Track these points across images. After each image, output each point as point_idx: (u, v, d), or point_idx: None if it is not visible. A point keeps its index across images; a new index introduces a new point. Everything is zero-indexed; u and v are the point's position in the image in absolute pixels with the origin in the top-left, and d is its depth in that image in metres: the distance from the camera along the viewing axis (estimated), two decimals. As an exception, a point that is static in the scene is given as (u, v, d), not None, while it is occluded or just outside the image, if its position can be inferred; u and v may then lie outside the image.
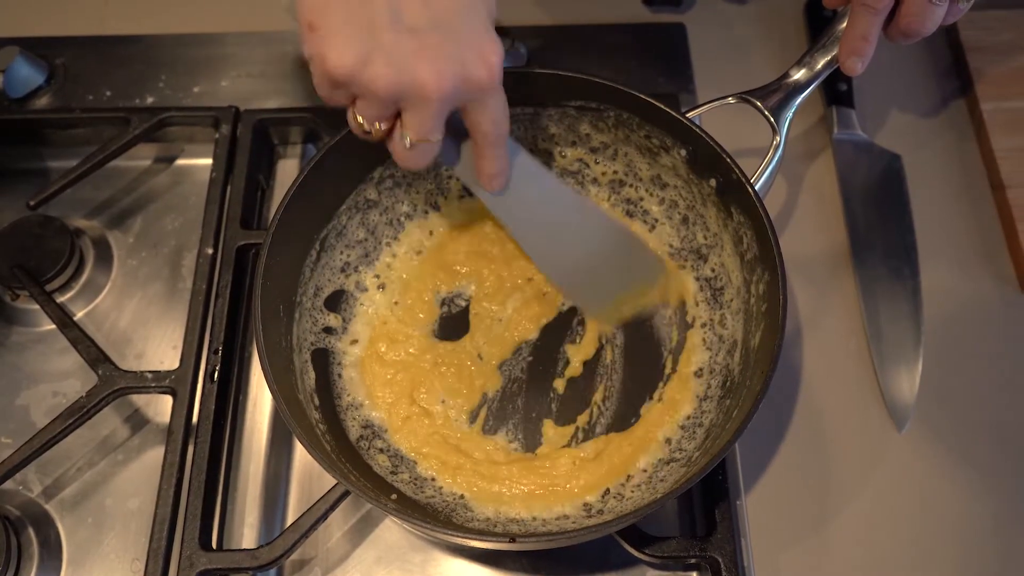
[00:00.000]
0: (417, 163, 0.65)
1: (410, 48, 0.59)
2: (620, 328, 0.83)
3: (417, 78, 0.59)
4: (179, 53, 1.03)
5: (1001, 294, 0.89)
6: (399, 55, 0.59)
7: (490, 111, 0.65)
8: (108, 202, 0.95)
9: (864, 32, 0.73)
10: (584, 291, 0.81)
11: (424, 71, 0.59)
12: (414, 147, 0.64)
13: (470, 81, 0.61)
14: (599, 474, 0.75)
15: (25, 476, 0.81)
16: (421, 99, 0.60)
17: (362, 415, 0.79)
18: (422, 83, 0.59)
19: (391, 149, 0.65)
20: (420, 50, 0.59)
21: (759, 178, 0.76)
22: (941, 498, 0.80)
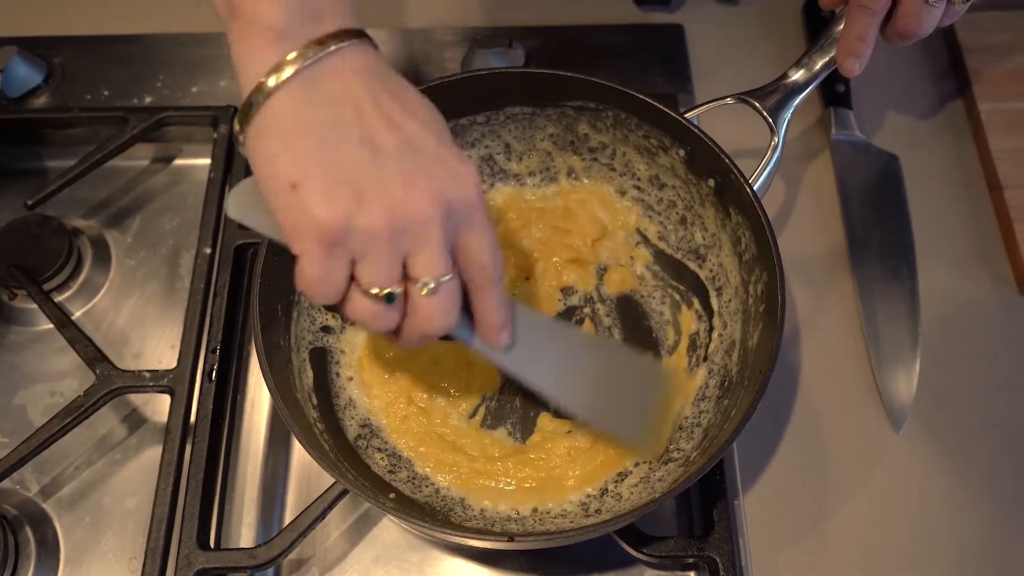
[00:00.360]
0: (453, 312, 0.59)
1: (397, 177, 0.55)
2: (618, 326, 0.83)
3: (413, 204, 0.55)
4: (177, 53, 1.03)
5: (999, 295, 0.89)
6: (388, 186, 0.54)
7: (483, 233, 0.59)
8: (106, 202, 0.95)
9: (861, 33, 0.74)
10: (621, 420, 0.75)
11: (418, 197, 0.55)
12: (436, 292, 0.57)
13: (459, 198, 0.57)
14: (594, 465, 0.76)
15: (22, 475, 0.80)
16: (424, 227, 0.55)
17: (360, 414, 0.79)
18: (421, 210, 0.55)
19: (413, 317, 0.59)
20: (407, 177, 0.55)
21: (757, 179, 0.76)
22: (939, 498, 0.80)
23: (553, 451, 0.77)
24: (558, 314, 0.84)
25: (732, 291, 0.79)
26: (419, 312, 0.58)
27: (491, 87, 0.81)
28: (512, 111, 0.83)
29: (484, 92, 0.81)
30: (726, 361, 0.78)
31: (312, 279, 0.55)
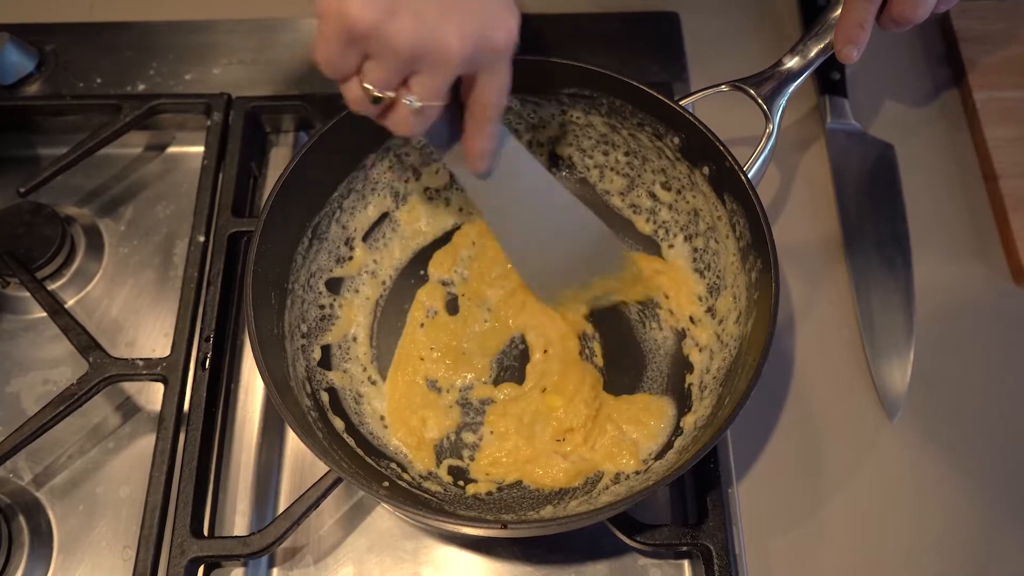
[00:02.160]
0: (417, 128, 0.63)
1: (435, 5, 0.57)
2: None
3: (442, 37, 0.57)
4: (170, 40, 1.02)
5: (993, 284, 0.89)
6: (424, 11, 0.57)
7: (498, 80, 0.63)
8: (99, 189, 0.95)
9: (860, 20, 0.73)
10: (539, 274, 0.81)
11: (449, 30, 0.57)
12: (419, 112, 0.61)
13: (490, 45, 0.60)
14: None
15: (16, 464, 0.80)
16: (442, 59, 0.58)
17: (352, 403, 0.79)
18: (446, 43, 0.58)
19: (390, 116, 0.63)
20: (444, 9, 0.58)
21: (752, 166, 0.76)
22: (932, 487, 0.80)
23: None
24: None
25: (727, 280, 0.79)
26: (396, 114, 0.62)
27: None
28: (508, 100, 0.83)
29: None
30: (723, 351, 0.78)
31: (325, 57, 0.59)
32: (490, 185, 0.72)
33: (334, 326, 0.82)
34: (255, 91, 0.97)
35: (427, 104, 0.61)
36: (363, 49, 0.58)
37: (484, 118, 0.66)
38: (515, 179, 0.73)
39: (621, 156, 0.85)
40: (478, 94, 0.64)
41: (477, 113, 0.65)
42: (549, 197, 0.76)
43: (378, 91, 0.60)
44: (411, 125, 0.63)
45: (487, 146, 0.68)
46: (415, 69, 0.59)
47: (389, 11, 0.56)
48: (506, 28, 0.60)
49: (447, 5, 0.58)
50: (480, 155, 0.68)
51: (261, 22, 1.03)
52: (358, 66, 0.60)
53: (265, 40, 1.02)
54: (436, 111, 0.63)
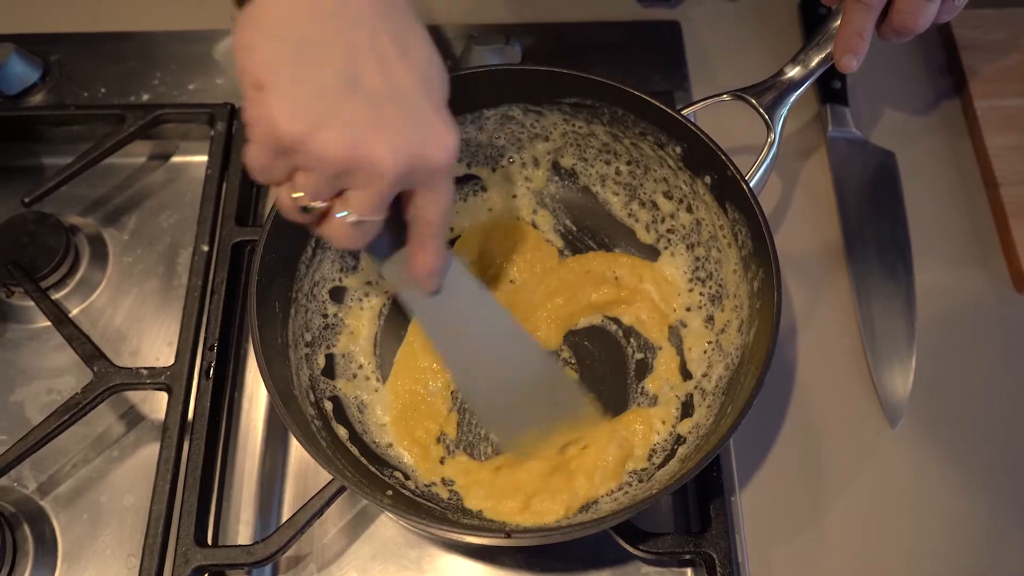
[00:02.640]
0: (355, 242, 0.61)
1: (366, 118, 0.55)
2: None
3: (373, 151, 0.55)
4: (174, 50, 1.03)
5: (994, 291, 0.89)
6: (355, 124, 0.55)
7: (438, 198, 0.61)
8: (103, 199, 0.95)
9: (859, 29, 0.74)
10: (499, 418, 0.77)
11: (380, 145, 0.55)
12: (356, 226, 0.59)
13: (425, 161, 0.57)
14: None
15: (20, 473, 0.80)
16: (373, 175, 0.56)
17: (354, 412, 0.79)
18: (378, 157, 0.55)
19: (325, 228, 0.60)
20: (377, 122, 0.55)
21: (754, 175, 0.76)
22: (934, 494, 0.80)
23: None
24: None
25: (729, 288, 0.80)
26: (332, 227, 0.60)
27: (487, 85, 0.81)
28: (509, 109, 0.83)
29: (480, 90, 0.81)
30: (726, 359, 0.78)
31: (254, 166, 0.57)
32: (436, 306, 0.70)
33: (338, 335, 0.82)
34: (258, 101, 0.97)
35: (363, 218, 0.58)
36: (292, 160, 0.56)
37: (429, 235, 0.63)
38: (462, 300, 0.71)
39: (623, 165, 0.86)
40: (419, 212, 0.62)
41: (422, 231, 0.63)
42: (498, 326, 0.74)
43: (308, 201, 0.58)
44: (349, 238, 0.60)
45: (434, 263, 0.65)
46: (348, 184, 0.57)
47: (316, 125, 0.54)
48: (443, 145, 0.58)
49: (379, 120, 0.55)
50: (428, 273, 0.66)
51: (264, 32, 1.04)
52: (288, 174, 0.57)
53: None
54: (376, 225, 0.60)
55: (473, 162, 0.88)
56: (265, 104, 0.54)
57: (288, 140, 0.54)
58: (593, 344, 0.83)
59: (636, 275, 0.84)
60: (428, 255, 0.64)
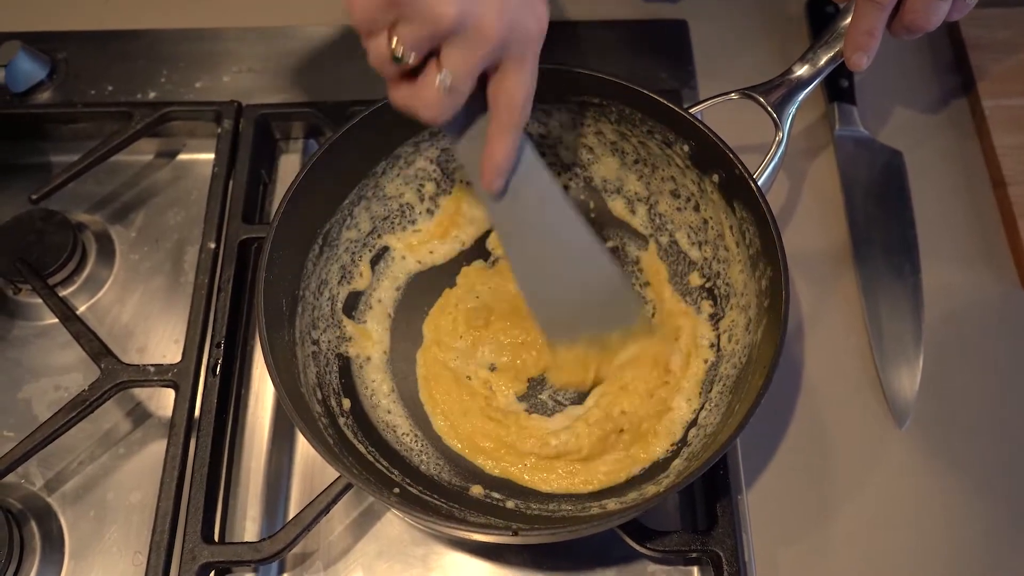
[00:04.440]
0: (442, 111, 0.61)
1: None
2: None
3: (482, 13, 0.57)
4: (181, 48, 1.03)
5: (1002, 291, 0.89)
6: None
7: (525, 76, 0.62)
8: (110, 197, 0.95)
9: (869, 28, 0.73)
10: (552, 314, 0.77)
11: (490, 7, 0.57)
12: (448, 92, 0.60)
13: (523, 29, 0.60)
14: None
15: (27, 469, 0.81)
16: (478, 35, 0.58)
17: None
18: (486, 18, 0.57)
19: (415, 93, 0.61)
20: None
21: (761, 174, 0.76)
22: (941, 494, 0.80)
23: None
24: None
25: (737, 287, 0.80)
26: (424, 90, 0.61)
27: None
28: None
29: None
30: (732, 357, 0.78)
31: (360, 13, 0.58)
32: (506, 203, 0.70)
33: (347, 333, 0.82)
34: (265, 99, 0.97)
35: (457, 83, 0.60)
36: (399, 9, 0.57)
37: (508, 124, 0.64)
38: (534, 204, 0.70)
39: (631, 164, 0.86)
40: (504, 90, 0.63)
41: (501, 115, 0.64)
42: (569, 232, 0.74)
43: (405, 51, 0.58)
44: (439, 105, 0.61)
45: (505, 160, 0.66)
46: (450, 42, 0.58)
47: None
48: (538, 16, 0.61)
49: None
50: (497, 168, 0.66)
51: (271, 30, 1.04)
52: (391, 25, 0.58)
53: (275, 48, 1.03)
54: (463, 96, 0.61)
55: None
56: None
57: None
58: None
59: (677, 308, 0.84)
60: (501, 148, 0.65)
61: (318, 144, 0.94)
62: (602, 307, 0.76)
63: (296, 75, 1.01)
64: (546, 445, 0.77)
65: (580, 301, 0.75)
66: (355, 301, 0.84)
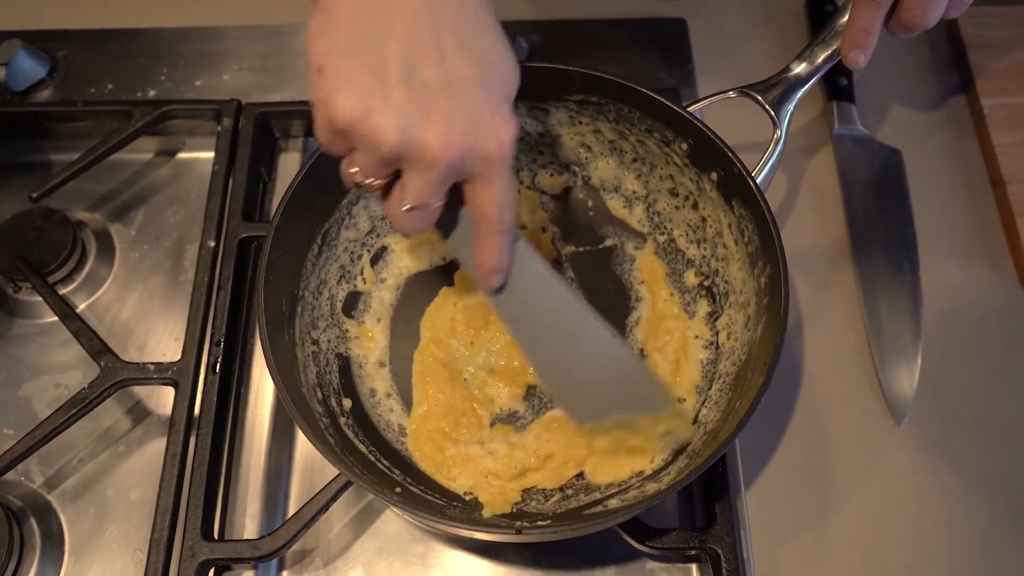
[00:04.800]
0: (412, 227, 0.62)
1: (421, 107, 0.56)
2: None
3: (423, 139, 0.56)
4: (181, 47, 1.03)
5: (1001, 289, 0.89)
6: (408, 112, 0.56)
7: (495, 192, 0.61)
8: (110, 195, 0.95)
9: (867, 25, 0.73)
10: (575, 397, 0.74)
11: (432, 133, 0.56)
12: (412, 211, 0.60)
13: (479, 152, 0.58)
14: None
15: (27, 467, 0.81)
16: (424, 162, 0.57)
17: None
18: (427, 145, 0.56)
19: (386, 208, 0.62)
20: (431, 111, 0.56)
21: (760, 172, 0.76)
22: (939, 492, 0.80)
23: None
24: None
25: (735, 285, 0.80)
26: (390, 211, 0.62)
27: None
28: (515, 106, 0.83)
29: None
30: (732, 356, 0.78)
31: (319, 139, 0.60)
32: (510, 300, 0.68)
33: (347, 332, 0.82)
34: (265, 97, 0.98)
35: (418, 204, 0.60)
36: (349, 139, 0.58)
37: (488, 230, 0.63)
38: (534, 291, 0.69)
39: (629, 162, 0.86)
40: (475, 205, 0.62)
41: (481, 224, 0.63)
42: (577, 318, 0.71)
43: (362, 179, 0.60)
44: (406, 222, 0.61)
45: (496, 262, 0.65)
46: (403, 166, 0.59)
47: (368, 109, 0.56)
48: (496, 137, 0.58)
49: (432, 109, 0.56)
50: (489, 271, 0.65)
51: (271, 28, 1.04)
52: (348, 150, 0.60)
53: (275, 46, 1.03)
54: (434, 211, 0.61)
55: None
56: (323, 87, 0.57)
57: (341, 122, 0.56)
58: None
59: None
60: (487, 251, 0.64)
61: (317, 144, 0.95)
62: (624, 389, 0.72)
63: (295, 74, 1.01)
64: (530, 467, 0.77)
65: (601, 384, 0.72)
66: (355, 301, 0.84)
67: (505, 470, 0.76)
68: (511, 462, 0.76)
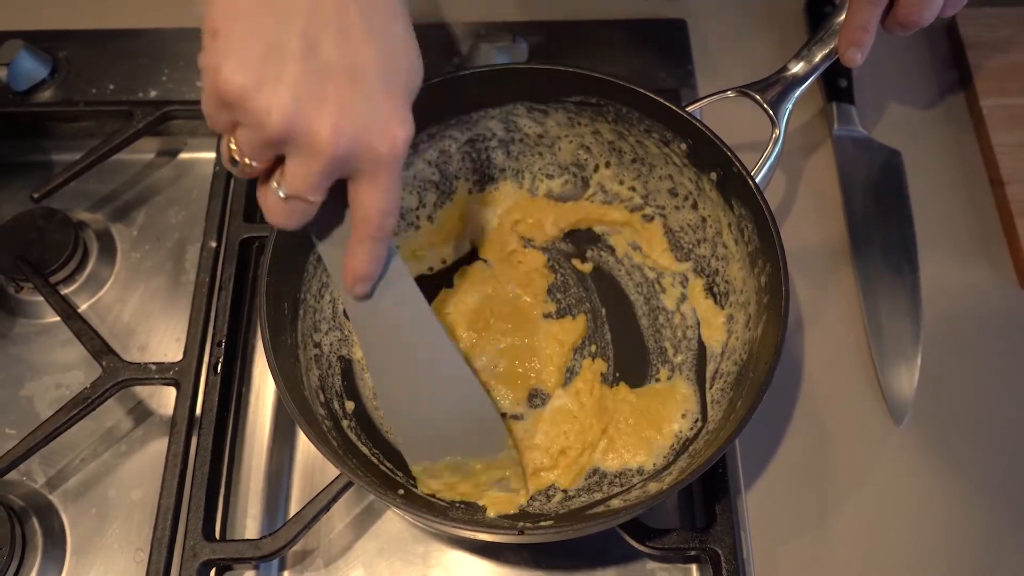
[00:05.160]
0: (286, 221, 0.58)
1: (316, 89, 0.52)
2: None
3: (314, 125, 0.52)
4: (182, 47, 1.03)
5: (1000, 290, 0.89)
6: (302, 93, 0.52)
7: (379, 194, 0.57)
8: (111, 195, 0.96)
9: (864, 22, 0.74)
10: (412, 434, 0.73)
11: (324, 120, 0.52)
12: (288, 201, 0.56)
13: (368, 149, 0.54)
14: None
15: (29, 467, 0.81)
16: (311, 151, 0.53)
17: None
18: (316, 132, 0.52)
19: (260, 197, 0.58)
20: (325, 96, 0.52)
21: (759, 171, 0.76)
22: (939, 492, 0.80)
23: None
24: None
25: (735, 285, 0.80)
26: (265, 197, 0.57)
27: (493, 83, 0.81)
28: (514, 107, 0.83)
29: (485, 88, 0.82)
30: (733, 355, 0.78)
31: (204, 110, 0.55)
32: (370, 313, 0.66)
33: (347, 334, 0.82)
34: (266, 98, 0.97)
35: (295, 195, 0.56)
36: (234, 114, 0.53)
37: (364, 234, 0.59)
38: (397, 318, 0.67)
39: (628, 163, 0.86)
40: (357, 204, 0.58)
41: (358, 226, 0.59)
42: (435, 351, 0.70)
43: (240, 157, 0.55)
44: (280, 214, 0.57)
45: (365, 269, 0.62)
46: (284, 152, 0.55)
47: (259, 82, 0.51)
48: (390, 136, 0.55)
49: (330, 92, 0.53)
50: (356, 277, 0.62)
51: (271, 29, 1.04)
52: (231, 126, 0.55)
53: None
54: (309, 208, 0.57)
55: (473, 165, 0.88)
56: (214, 52, 0.52)
57: (228, 93, 0.51)
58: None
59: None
60: (359, 257, 0.61)
61: (318, 143, 0.95)
62: (466, 430, 0.72)
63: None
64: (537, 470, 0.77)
65: (443, 421, 0.72)
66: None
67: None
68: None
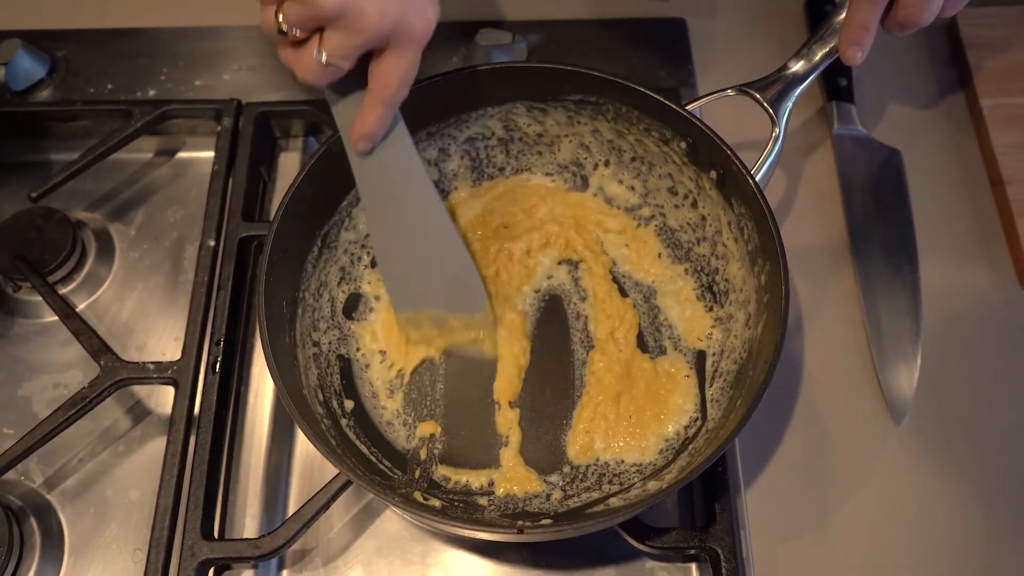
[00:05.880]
0: (319, 80, 0.66)
1: None
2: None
3: (362, 5, 0.60)
4: (181, 46, 1.03)
5: (1000, 289, 0.89)
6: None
7: (403, 65, 0.65)
8: (110, 194, 0.95)
9: (864, 21, 0.74)
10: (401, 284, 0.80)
11: (371, 5, 0.60)
12: (325, 66, 0.64)
13: (406, 28, 0.63)
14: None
15: (27, 467, 0.81)
16: (357, 25, 0.61)
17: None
18: (365, 12, 0.60)
19: (291, 57, 0.66)
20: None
21: (759, 169, 0.76)
22: (939, 491, 0.80)
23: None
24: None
25: (735, 284, 0.80)
26: (303, 60, 0.65)
27: (492, 82, 0.81)
28: (514, 106, 0.83)
29: (485, 87, 0.82)
30: (733, 354, 0.78)
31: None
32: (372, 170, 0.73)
33: (346, 333, 0.82)
34: (265, 96, 0.98)
35: (333, 61, 0.63)
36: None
37: (379, 98, 0.67)
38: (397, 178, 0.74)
39: (628, 161, 0.86)
40: (381, 71, 0.66)
41: (375, 90, 0.67)
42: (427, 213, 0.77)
43: (286, 26, 0.63)
44: (315, 74, 0.65)
45: (373, 128, 0.69)
46: (331, 25, 0.62)
47: None
48: (425, 18, 0.64)
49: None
50: (362, 134, 0.70)
51: (270, 28, 1.04)
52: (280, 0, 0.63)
53: (274, 46, 1.03)
54: (341, 72, 0.65)
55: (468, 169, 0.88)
56: None
57: None
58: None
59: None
60: (371, 117, 0.69)
61: (318, 142, 0.95)
62: (448, 287, 0.80)
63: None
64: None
65: (429, 276, 0.79)
66: (355, 302, 0.84)
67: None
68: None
